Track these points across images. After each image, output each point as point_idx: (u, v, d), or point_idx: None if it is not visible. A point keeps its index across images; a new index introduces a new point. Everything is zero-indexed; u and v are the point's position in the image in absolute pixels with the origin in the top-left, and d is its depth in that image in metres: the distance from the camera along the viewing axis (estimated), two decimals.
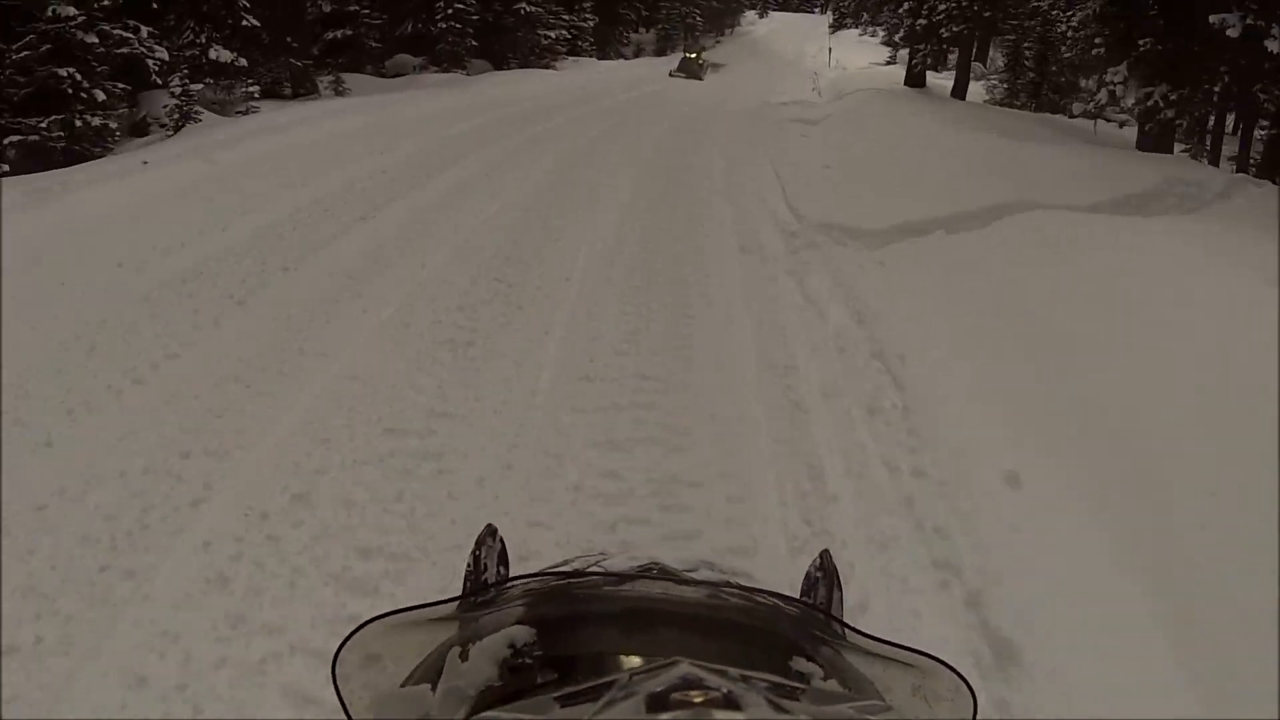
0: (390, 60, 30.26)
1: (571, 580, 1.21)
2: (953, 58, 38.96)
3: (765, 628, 1.15)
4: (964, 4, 21.51)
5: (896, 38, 45.17)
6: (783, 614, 1.20)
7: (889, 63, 44.72)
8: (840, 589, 1.49)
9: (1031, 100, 25.30)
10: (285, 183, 9.72)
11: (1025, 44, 25.33)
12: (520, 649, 0.98)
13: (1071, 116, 22.57)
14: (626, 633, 1.11)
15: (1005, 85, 26.50)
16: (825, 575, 1.48)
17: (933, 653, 1.02)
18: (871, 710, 0.90)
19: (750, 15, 74.49)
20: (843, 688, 1.00)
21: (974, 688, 0.99)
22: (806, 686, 0.95)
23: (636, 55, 43.90)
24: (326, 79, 23.49)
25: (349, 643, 1.01)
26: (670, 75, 30.60)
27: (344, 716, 0.99)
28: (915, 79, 25.16)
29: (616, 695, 0.78)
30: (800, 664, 1.02)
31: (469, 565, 1.62)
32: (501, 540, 1.65)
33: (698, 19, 48.81)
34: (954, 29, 21.62)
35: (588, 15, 36.65)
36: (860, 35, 60.70)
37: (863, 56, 47.28)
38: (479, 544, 1.64)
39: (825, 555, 1.54)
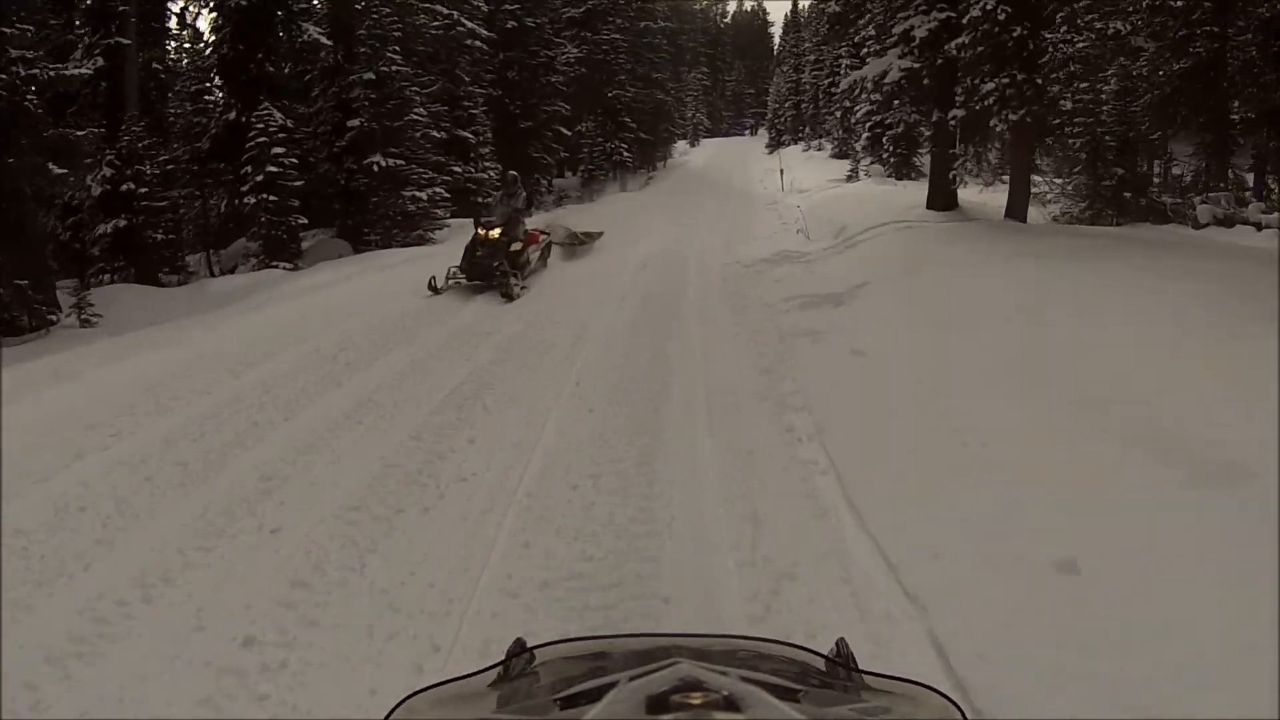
0: (229, 248, 22.04)
1: (599, 651, 1.24)
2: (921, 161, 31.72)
3: (773, 682, 1.10)
4: (1019, 79, 13.58)
5: (858, 146, 38.10)
6: (789, 664, 1.22)
7: (850, 178, 37.44)
8: (859, 671, 1.43)
9: (1110, 208, 17.15)
10: None
11: (1101, 129, 17.22)
12: None
13: (1198, 226, 14.63)
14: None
15: (1084, 190, 18.02)
16: (843, 661, 1.44)
17: (924, 681, 1.06)
18: (871, 713, 0.95)
19: (682, 145, 68.07)
20: None
21: (962, 708, 0.98)
22: (806, 688, 0.98)
23: (559, 204, 36.22)
24: (92, 295, 15.38)
25: (392, 716, 1.00)
26: (434, 290, 12.30)
27: None
28: (945, 199, 17.10)
29: (617, 696, 0.80)
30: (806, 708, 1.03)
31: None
32: (533, 653, 1.64)
33: (625, 155, 41.46)
34: (1011, 117, 13.67)
35: (487, 164, 28.80)
36: (805, 150, 53.93)
37: (818, 174, 39.97)
38: (509, 656, 1.66)
39: (841, 643, 1.54)
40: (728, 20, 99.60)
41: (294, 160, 17.68)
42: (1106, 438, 4.73)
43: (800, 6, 66.14)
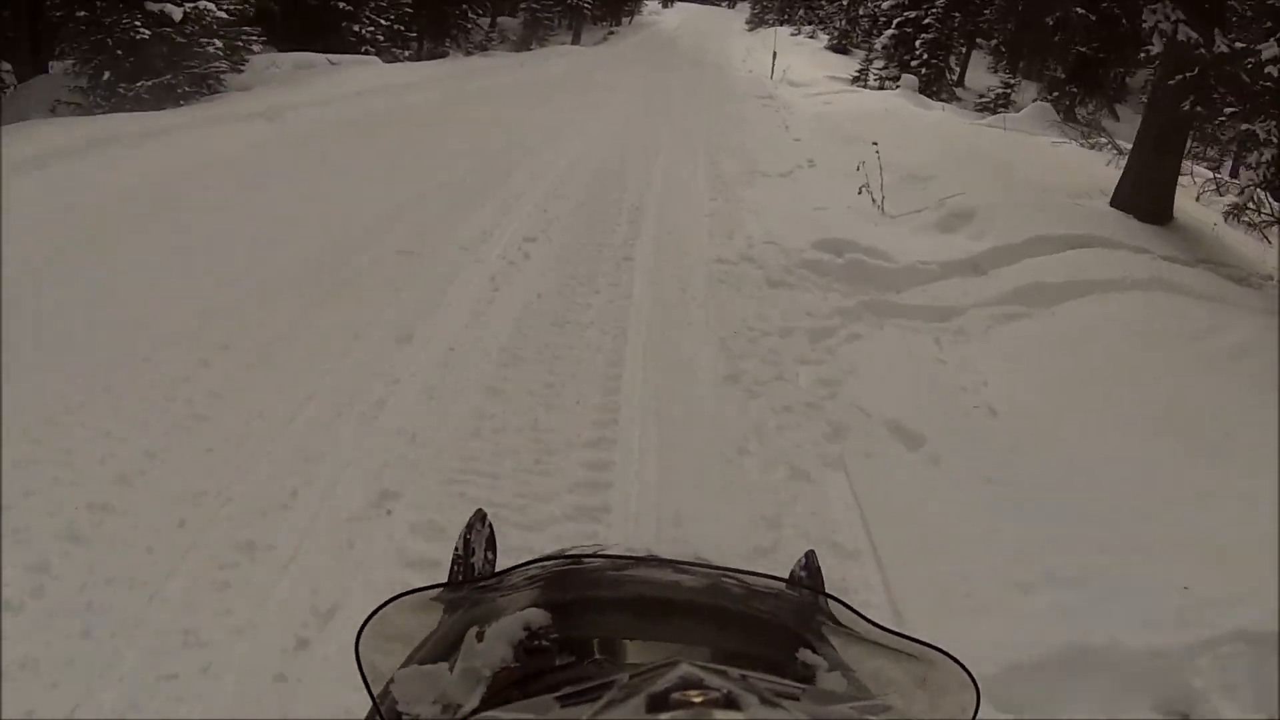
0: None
1: (578, 564, 1.14)
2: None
3: (771, 618, 1.09)
4: None
5: (877, 45, 28.16)
6: (788, 602, 1.16)
7: (858, 80, 28.23)
8: (825, 595, 1.27)
9: None
10: None
11: None
12: (536, 632, 0.95)
13: None
14: (640, 619, 1.06)
15: None
16: (810, 575, 1.38)
17: (938, 645, 0.92)
18: (871, 710, 0.85)
19: (653, 4, 57.21)
20: (846, 681, 0.95)
21: (977, 681, 0.88)
22: (806, 687, 0.90)
23: (484, 50, 26.35)
24: None
25: (371, 621, 0.94)
26: None
27: (366, 692, 0.90)
28: (1155, 201, 8.06)
29: (616, 695, 0.74)
30: (806, 655, 0.98)
31: (458, 549, 1.55)
32: (490, 525, 1.59)
33: (583, 1, 31.28)
34: None
35: None
36: (793, 35, 43.93)
37: (813, 67, 30.60)
38: (468, 528, 1.58)
39: (810, 555, 1.44)
40: None
41: None
42: None
43: None
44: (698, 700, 0.68)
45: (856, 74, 28.72)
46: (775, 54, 29.25)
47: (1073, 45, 26.81)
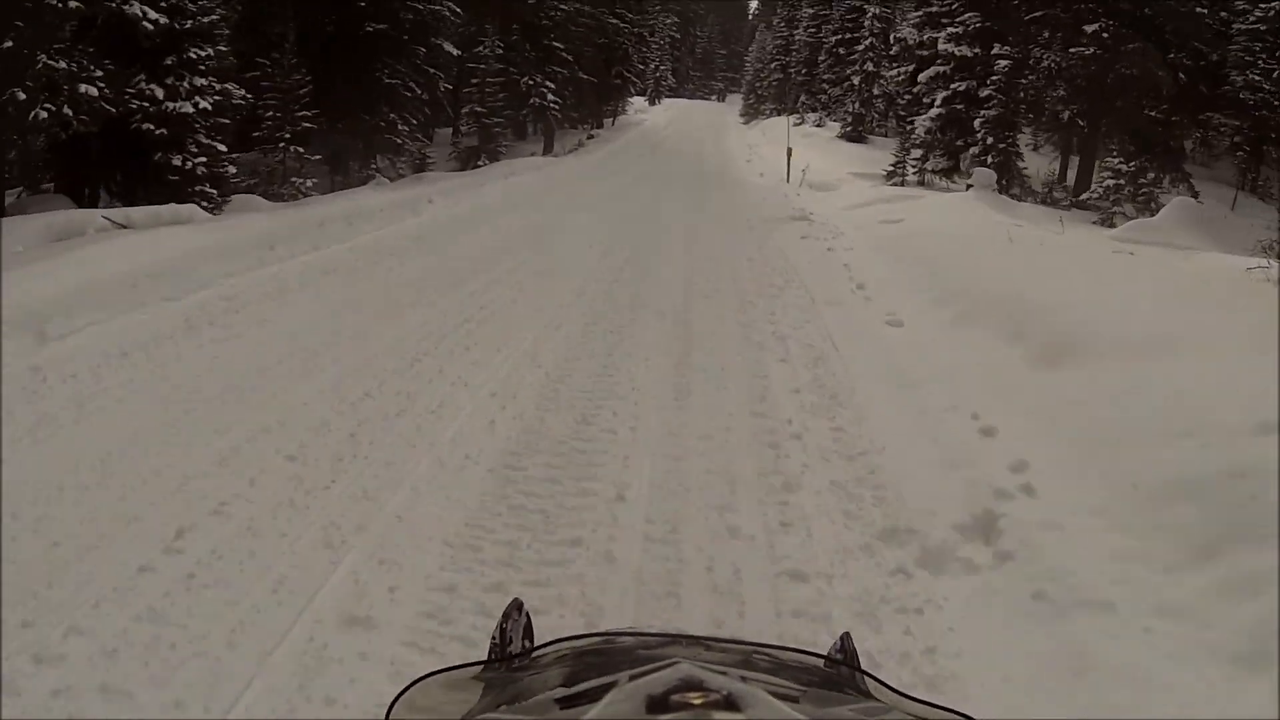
0: None
1: (610, 643, 1.13)
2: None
3: (797, 694, 1.00)
4: None
5: (920, 129, 21.35)
6: (822, 676, 1.13)
7: (893, 175, 21.94)
8: (860, 670, 1.29)
9: None
10: None
11: None
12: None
13: None
14: None
15: None
16: (846, 657, 1.38)
17: (963, 711, 0.90)
18: (871, 711, 0.85)
19: (639, 102, 51.97)
20: None
21: None
22: (807, 689, 0.89)
23: (421, 169, 20.13)
24: None
25: (401, 699, 0.94)
26: None
27: None
28: None
29: (617, 696, 0.73)
30: None
31: (494, 638, 1.52)
32: (527, 614, 1.54)
33: (551, 101, 25.19)
34: None
35: (206, 76, 12.39)
36: (798, 124, 38.07)
37: (830, 160, 24.47)
38: (505, 617, 1.54)
39: (846, 638, 1.44)
40: None
41: None
42: None
43: None
44: (698, 702, 0.67)
45: (890, 168, 22.43)
46: (790, 150, 23.13)
47: (1143, 109, 20.71)
